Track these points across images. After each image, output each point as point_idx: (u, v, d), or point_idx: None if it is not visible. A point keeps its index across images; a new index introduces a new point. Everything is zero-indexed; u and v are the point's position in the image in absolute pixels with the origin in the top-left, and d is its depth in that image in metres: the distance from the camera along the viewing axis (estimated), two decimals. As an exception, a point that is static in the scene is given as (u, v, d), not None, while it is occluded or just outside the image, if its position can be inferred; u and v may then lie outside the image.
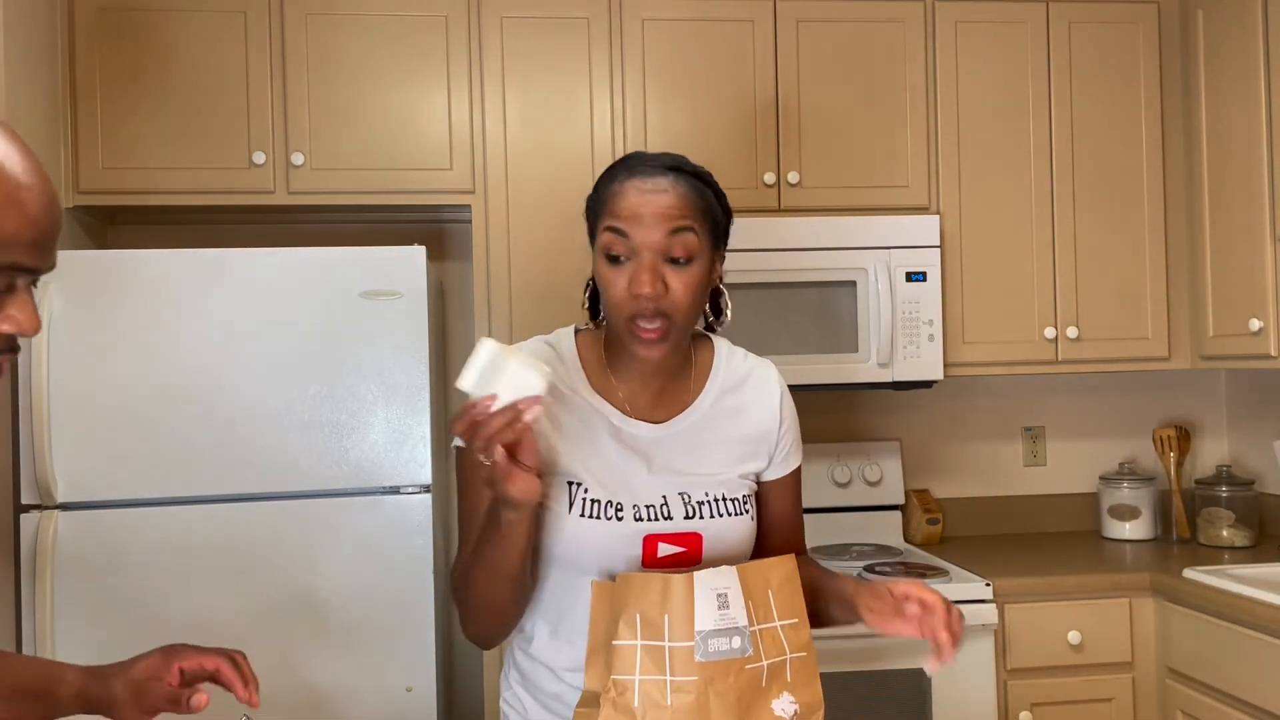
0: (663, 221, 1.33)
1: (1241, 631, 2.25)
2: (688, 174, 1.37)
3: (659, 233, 1.33)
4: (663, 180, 1.35)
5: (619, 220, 1.34)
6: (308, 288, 2.30)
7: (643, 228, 1.33)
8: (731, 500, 1.42)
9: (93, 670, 1.21)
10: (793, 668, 1.32)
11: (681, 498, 1.40)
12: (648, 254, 1.33)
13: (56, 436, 2.22)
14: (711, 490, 1.41)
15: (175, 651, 1.24)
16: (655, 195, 1.34)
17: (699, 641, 1.25)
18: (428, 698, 2.31)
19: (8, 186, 0.86)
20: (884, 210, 2.82)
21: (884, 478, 3.04)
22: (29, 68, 2.43)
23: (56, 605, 2.21)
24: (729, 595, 1.27)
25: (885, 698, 2.43)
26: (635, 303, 1.33)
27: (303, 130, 2.64)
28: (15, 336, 0.91)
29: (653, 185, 1.34)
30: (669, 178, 1.35)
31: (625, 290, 1.33)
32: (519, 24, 2.72)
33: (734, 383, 1.49)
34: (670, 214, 1.33)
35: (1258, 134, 2.60)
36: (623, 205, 1.35)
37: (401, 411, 2.32)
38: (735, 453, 1.45)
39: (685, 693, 1.24)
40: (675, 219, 1.33)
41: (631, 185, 1.35)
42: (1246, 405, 3.18)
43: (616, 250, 1.34)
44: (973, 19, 2.86)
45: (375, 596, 2.30)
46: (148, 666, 1.22)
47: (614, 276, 1.35)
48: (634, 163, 1.39)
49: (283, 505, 2.29)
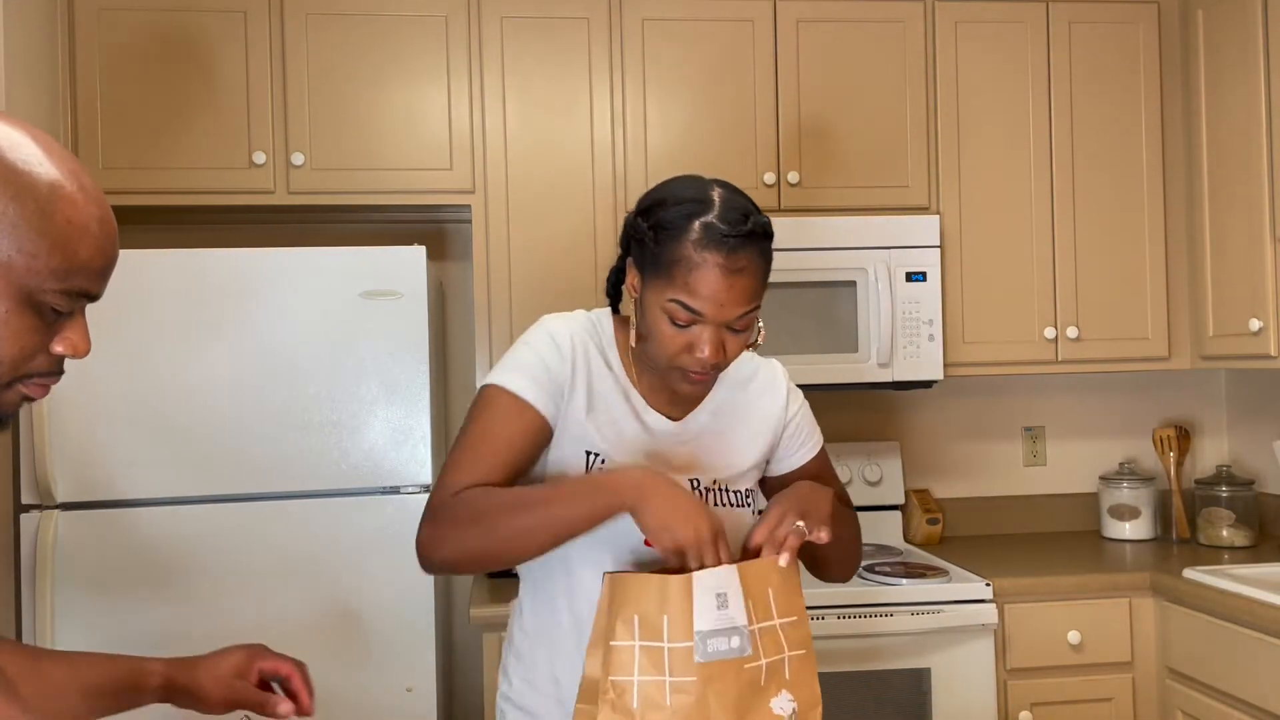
0: (740, 305, 1.32)
1: (1241, 631, 2.25)
2: (760, 237, 1.34)
3: (734, 314, 1.32)
4: (744, 259, 1.31)
5: (693, 298, 1.31)
6: (308, 288, 2.30)
7: (720, 309, 1.31)
8: (734, 492, 1.48)
9: (176, 662, 1.24)
10: (791, 666, 1.32)
11: (690, 483, 1.44)
12: (712, 327, 1.33)
13: (56, 436, 2.22)
14: (720, 479, 1.47)
15: (258, 652, 1.27)
16: (737, 277, 1.31)
17: (698, 642, 1.25)
18: (428, 698, 2.31)
19: (89, 215, 0.89)
20: (884, 210, 2.82)
21: (884, 477, 3.04)
22: (29, 68, 2.43)
23: (56, 605, 2.21)
24: (728, 595, 1.27)
25: (885, 698, 2.43)
26: (699, 365, 1.34)
27: (303, 130, 2.64)
28: (63, 359, 0.94)
29: (734, 265, 1.31)
30: (749, 252, 1.32)
31: (684, 349, 1.34)
32: (519, 24, 2.72)
33: (742, 379, 1.54)
34: (748, 298, 1.33)
35: (1258, 134, 2.60)
36: (700, 283, 1.30)
37: (401, 411, 2.32)
38: (743, 445, 1.50)
39: (685, 693, 1.24)
40: (751, 302, 1.33)
41: (712, 261, 1.30)
42: (1246, 405, 3.18)
43: (681, 320, 1.33)
44: (973, 19, 2.86)
45: (375, 596, 2.30)
46: (235, 664, 1.25)
47: (671, 336, 1.34)
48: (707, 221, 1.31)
49: (283, 505, 2.29)
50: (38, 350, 0.91)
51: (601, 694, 1.25)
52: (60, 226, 0.87)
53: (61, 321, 0.93)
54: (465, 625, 2.99)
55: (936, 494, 3.17)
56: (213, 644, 2.23)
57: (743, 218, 1.33)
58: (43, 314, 0.90)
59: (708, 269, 1.29)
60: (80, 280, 0.90)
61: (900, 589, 2.44)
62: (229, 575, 2.26)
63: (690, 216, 1.33)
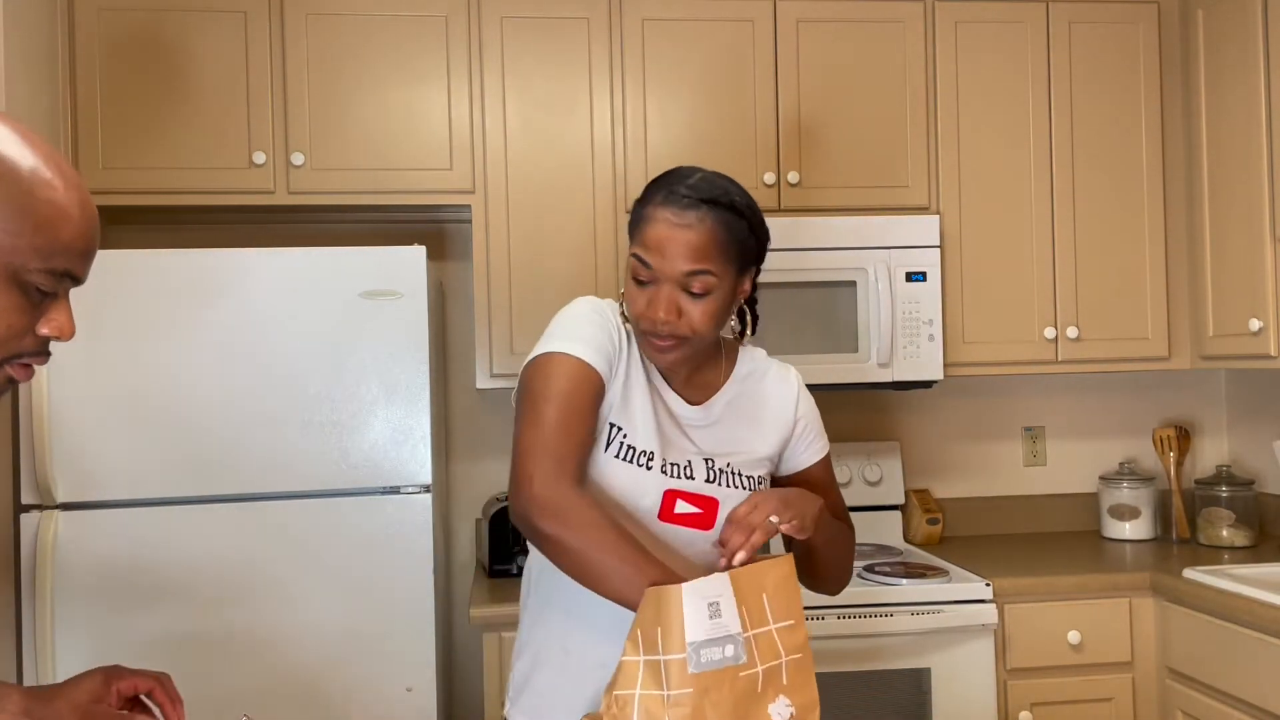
0: (684, 259, 1.38)
1: (1241, 631, 2.25)
2: (723, 207, 1.40)
3: (679, 268, 1.38)
4: (692, 215, 1.38)
5: (644, 249, 1.40)
6: (308, 288, 2.30)
7: (665, 261, 1.38)
8: (748, 477, 1.50)
9: (35, 691, 1.22)
10: (788, 670, 1.31)
11: (706, 463, 1.47)
12: (667, 284, 1.39)
13: (56, 436, 2.22)
14: (734, 463, 1.49)
15: (114, 673, 1.25)
16: (682, 231, 1.38)
17: (691, 653, 1.24)
18: (428, 698, 2.31)
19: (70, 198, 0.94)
20: (884, 210, 2.82)
21: (884, 477, 3.04)
22: (29, 68, 2.42)
23: (56, 605, 2.21)
24: (720, 603, 1.26)
25: (885, 698, 2.43)
26: (651, 324, 1.40)
27: (303, 130, 2.64)
28: (49, 341, 0.98)
29: (681, 220, 1.38)
30: (700, 211, 1.39)
31: (644, 309, 1.41)
32: (519, 24, 2.72)
33: (758, 376, 1.59)
34: (692, 254, 1.38)
35: (1258, 133, 2.60)
36: (650, 234, 1.40)
37: (401, 411, 2.32)
38: (759, 433, 1.54)
39: (681, 706, 1.23)
40: (694, 260, 1.38)
41: (663, 216, 1.39)
42: (1246, 405, 3.18)
43: (640, 275, 1.41)
44: (973, 19, 2.86)
45: (375, 596, 2.30)
46: (91, 689, 1.23)
47: (636, 295, 1.42)
48: (673, 186, 1.41)
49: (283, 505, 2.29)
50: (25, 331, 0.95)
51: (605, 710, 1.25)
52: (43, 207, 0.91)
53: (47, 303, 0.96)
54: (465, 625, 2.99)
55: (936, 494, 3.17)
56: (212, 644, 2.23)
57: (707, 186, 1.41)
58: (28, 294, 0.94)
59: (657, 222, 1.39)
60: (63, 260, 0.94)
61: (900, 589, 2.44)
62: (229, 575, 2.26)
63: (661, 184, 1.43)
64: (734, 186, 1.45)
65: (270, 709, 2.26)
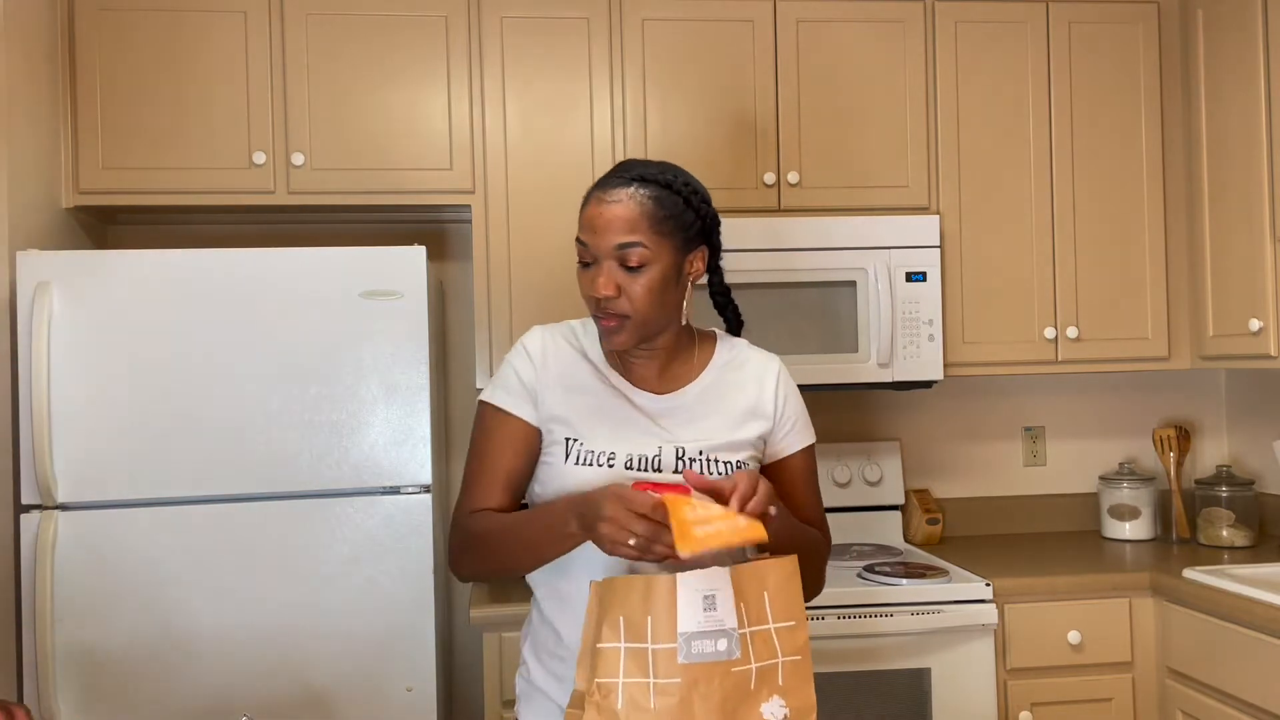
0: (611, 233, 1.46)
1: (1241, 631, 2.25)
2: (652, 183, 1.48)
3: (609, 243, 1.46)
4: (621, 192, 1.47)
5: (581, 230, 1.50)
6: (308, 288, 2.30)
7: (597, 236, 1.47)
8: (725, 462, 1.51)
9: None
10: (785, 671, 1.31)
11: (676, 451, 1.49)
12: (606, 262, 1.47)
13: (56, 436, 2.22)
14: (706, 450, 1.51)
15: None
16: (610, 206, 1.47)
17: (682, 643, 1.24)
18: (428, 698, 2.31)
19: None
20: (884, 210, 2.82)
21: (884, 478, 3.04)
22: (29, 68, 2.42)
23: (56, 605, 2.21)
24: (717, 597, 1.26)
25: (885, 698, 2.43)
26: (595, 303, 1.49)
27: (303, 130, 2.64)
28: None
29: (610, 197, 1.48)
30: (629, 188, 1.47)
31: (588, 291, 1.50)
32: (519, 24, 2.72)
33: (735, 365, 1.61)
34: (619, 226, 1.46)
35: (1257, 133, 2.60)
36: (585, 215, 1.50)
37: (401, 411, 2.32)
38: (733, 419, 1.55)
39: (668, 695, 1.23)
40: (623, 232, 1.46)
41: (594, 196, 1.50)
42: (1246, 405, 3.18)
43: (582, 257, 1.50)
44: (973, 19, 2.86)
45: (375, 596, 2.30)
46: None
47: (582, 278, 1.52)
48: (611, 172, 1.52)
49: (283, 505, 2.29)
50: None
51: (588, 697, 1.25)
52: None
53: None
54: (465, 625, 2.99)
55: (936, 494, 3.17)
56: (212, 644, 2.23)
57: (640, 167, 1.51)
58: None
59: (590, 203, 1.50)
60: None
61: (900, 589, 2.44)
62: (229, 576, 2.26)
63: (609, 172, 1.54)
64: (675, 170, 1.52)
65: (270, 709, 2.26)
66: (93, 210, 2.70)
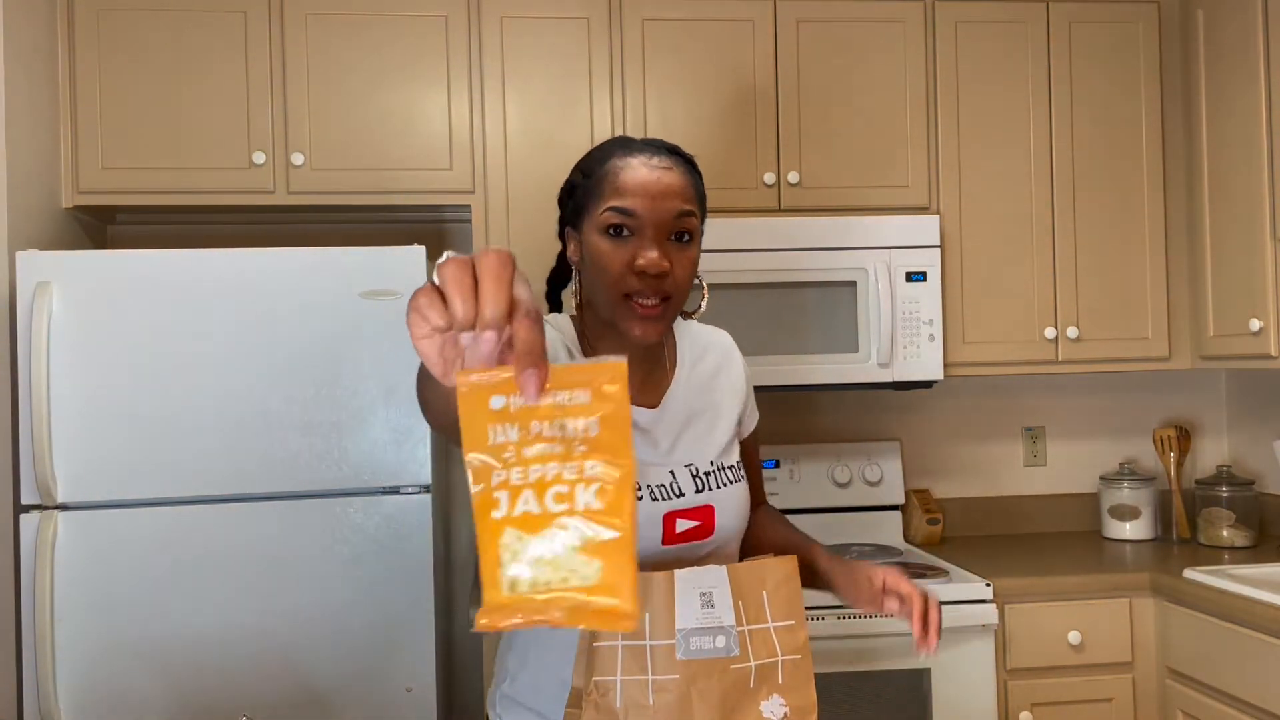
0: (672, 199, 1.32)
1: (1242, 632, 2.25)
2: (683, 157, 1.40)
3: (669, 209, 1.32)
4: (667, 159, 1.35)
5: (625, 197, 1.31)
6: (308, 288, 2.30)
7: (653, 202, 1.31)
8: (729, 468, 1.45)
9: None
10: (785, 670, 1.30)
11: (689, 470, 1.41)
12: (654, 230, 1.31)
13: (56, 436, 2.22)
14: (715, 460, 1.44)
15: None
16: (664, 173, 1.33)
17: (680, 639, 1.24)
18: (428, 698, 2.31)
19: None
20: (884, 210, 2.82)
21: (884, 478, 3.04)
22: (29, 68, 2.42)
23: (56, 605, 2.21)
24: (714, 594, 1.26)
25: (885, 698, 2.43)
26: (639, 279, 1.31)
27: (302, 130, 2.64)
28: None
29: (660, 162, 1.34)
30: (673, 159, 1.36)
31: (627, 265, 1.31)
32: (519, 24, 2.72)
33: (699, 352, 1.52)
34: (679, 193, 1.33)
35: (1258, 133, 2.60)
36: (630, 181, 1.32)
37: (401, 411, 2.32)
38: (723, 417, 1.49)
39: (667, 691, 1.23)
40: (683, 199, 1.34)
41: (638, 161, 1.33)
42: (1247, 405, 3.18)
43: (625, 224, 1.31)
44: (973, 19, 2.86)
45: (375, 596, 2.30)
46: None
47: (615, 251, 1.31)
48: (629, 142, 1.38)
49: (283, 505, 2.29)
50: None
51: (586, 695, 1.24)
52: None
53: None
54: (465, 625, 2.99)
55: (937, 494, 3.17)
56: (212, 644, 2.23)
57: (659, 140, 1.39)
58: None
59: (634, 168, 1.32)
60: None
61: (900, 589, 2.44)
62: (229, 576, 2.26)
63: (612, 144, 1.39)
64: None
65: (270, 709, 2.26)
66: (92, 210, 2.70)
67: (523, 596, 0.74)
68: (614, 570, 0.74)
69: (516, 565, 0.74)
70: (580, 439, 0.75)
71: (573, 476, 0.75)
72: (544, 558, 0.74)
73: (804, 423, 3.12)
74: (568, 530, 0.74)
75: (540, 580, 0.74)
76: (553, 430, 0.75)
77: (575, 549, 0.74)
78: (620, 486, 0.74)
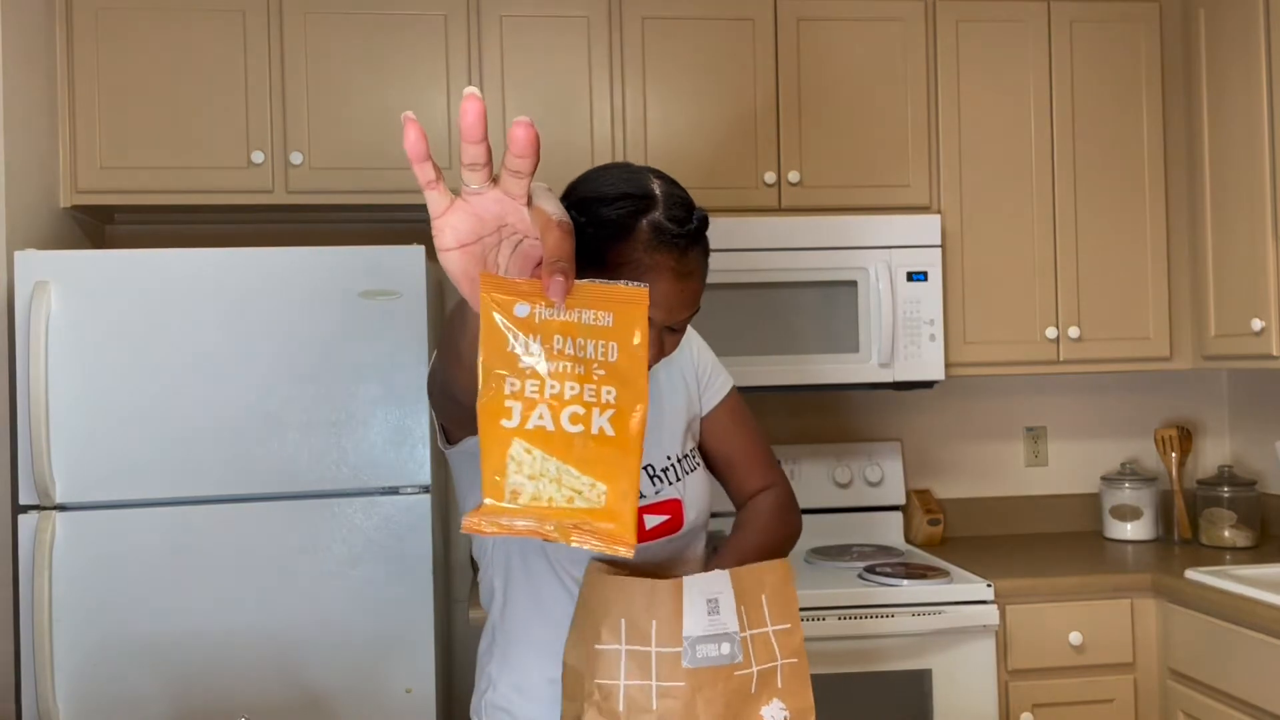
0: (688, 308, 1.27)
1: (1243, 632, 2.24)
2: (704, 235, 1.27)
3: (682, 316, 1.26)
4: (693, 259, 1.24)
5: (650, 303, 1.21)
6: (308, 288, 2.30)
7: (668, 315, 1.24)
8: (685, 459, 1.46)
9: None
10: (784, 674, 1.30)
11: (646, 471, 1.42)
12: (660, 328, 1.26)
13: (55, 437, 2.22)
14: (670, 454, 1.45)
15: None
16: (687, 282, 1.24)
17: (687, 647, 1.23)
18: (427, 698, 2.30)
19: None
20: (884, 210, 2.81)
21: (885, 478, 3.03)
22: (29, 68, 2.42)
23: (56, 605, 2.21)
24: (720, 601, 1.26)
25: (885, 698, 2.42)
26: None
27: (301, 129, 2.64)
28: None
29: (686, 269, 1.23)
30: (697, 252, 1.25)
31: None
32: (519, 23, 2.71)
33: None
34: (695, 300, 1.27)
35: (1259, 133, 2.59)
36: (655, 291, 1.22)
37: (401, 411, 2.31)
38: (674, 408, 1.49)
39: (672, 698, 1.23)
40: (696, 304, 1.28)
41: (667, 267, 1.21)
42: (1248, 405, 3.17)
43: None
44: (973, 18, 2.86)
45: (375, 596, 2.29)
46: None
47: None
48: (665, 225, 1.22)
49: (283, 505, 2.28)
50: None
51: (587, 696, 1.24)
52: None
53: None
54: (465, 625, 2.98)
55: (938, 494, 3.16)
56: (212, 645, 2.23)
57: (687, 213, 1.24)
58: None
59: (660, 274, 1.21)
60: None
61: (901, 590, 2.44)
62: (229, 576, 2.26)
63: (637, 214, 1.22)
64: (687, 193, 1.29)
65: (269, 710, 2.25)
66: (91, 210, 2.70)
67: (521, 506, 0.75)
68: (618, 497, 0.75)
69: (520, 477, 0.75)
70: (599, 362, 0.76)
71: (591, 399, 0.76)
72: (550, 474, 0.75)
73: (804, 423, 3.11)
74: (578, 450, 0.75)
75: (543, 495, 0.75)
76: (574, 349, 0.76)
77: (583, 471, 0.75)
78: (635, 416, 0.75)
